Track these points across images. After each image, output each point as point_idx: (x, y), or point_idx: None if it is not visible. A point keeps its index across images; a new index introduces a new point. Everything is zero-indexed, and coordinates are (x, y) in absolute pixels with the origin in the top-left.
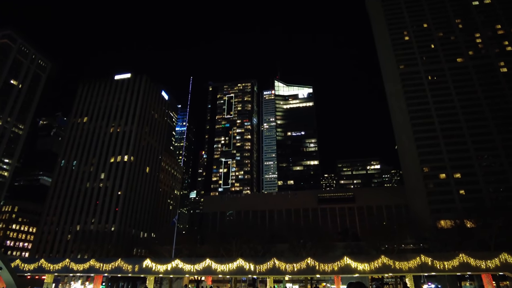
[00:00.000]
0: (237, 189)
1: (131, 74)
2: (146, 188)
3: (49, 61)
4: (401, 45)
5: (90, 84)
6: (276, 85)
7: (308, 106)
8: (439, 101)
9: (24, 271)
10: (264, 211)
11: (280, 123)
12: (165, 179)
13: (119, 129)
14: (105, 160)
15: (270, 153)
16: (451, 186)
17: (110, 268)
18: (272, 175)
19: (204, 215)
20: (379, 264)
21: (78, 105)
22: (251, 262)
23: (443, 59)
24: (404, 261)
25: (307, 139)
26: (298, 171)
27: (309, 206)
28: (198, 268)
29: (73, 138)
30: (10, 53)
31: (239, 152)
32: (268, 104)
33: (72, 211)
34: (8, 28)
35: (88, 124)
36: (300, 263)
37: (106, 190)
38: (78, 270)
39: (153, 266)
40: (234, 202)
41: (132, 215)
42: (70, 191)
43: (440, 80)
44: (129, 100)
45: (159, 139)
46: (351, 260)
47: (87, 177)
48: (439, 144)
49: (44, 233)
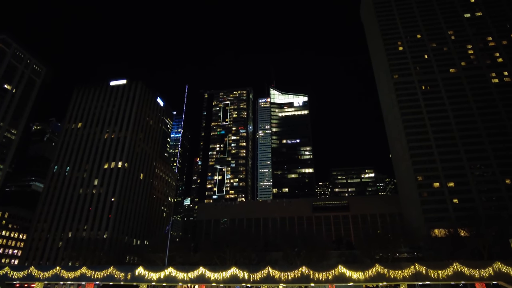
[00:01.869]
0: (232, 197)
1: (127, 80)
2: (139, 195)
3: (44, 66)
4: (395, 55)
5: (85, 90)
6: (272, 93)
7: (303, 114)
8: (432, 110)
9: (13, 278)
10: (258, 219)
11: (275, 131)
12: (159, 186)
13: (114, 135)
14: (99, 166)
15: (265, 160)
16: (444, 195)
17: (102, 276)
18: (267, 183)
19: (198, 223)
20: (373, 273)
21: (73, 111)
22: (245, 271)
23: (436, 70)
24: (399, 270)
25: (302, 147)
26: (293, 179)
27: (304, 214)
28: (192, 276)
29: (67, 144)
30: (4, 57)
31: (234, 160)
32: (264, 111)
33: (64, 218)
34: (3, 33)
35: (82, 130)
36: (294, 272)
37: (99, 196)
38: (69, 278)
39: (146, 274)
40: (228, 210)
41: (125, 222)
42: (62, 197)
43: (433, 90)
44: (124, 107)
45: (154, 145)
46: (346, 268)
47: (80, 183)
48: (433, 153)
49: (34, 240)
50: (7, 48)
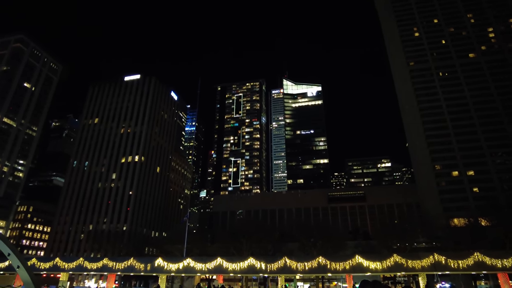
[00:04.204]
0: (247, 188)
1: (140, 75)
2: (156, 188)
3: (60, 64)
4: (411, 41)
5: (100, 86)
6: (285, 84)
7: (317, 105)
8: (450, 98)
9: (40, 269)
10: (274, 210)
11: (289, 122)
12: (175, 179)
13: (130, 130)
14: (116, 160)
15: (279, 152)
16: (464, 184)
17: (123, 267)
18: (282, 174)
19: (214, 214)
20: (391, 263)
21: (89, 107)
22: (262, 261)
23: (454, 55)
24: (417, 260)
25: (317, 138)
26: (307, 169)
27: (319, 205)
28: (210, 267)
29: (85, 139)
30: (23, 57)
31: (248, 151)
32: (277, 103)
33: (84, 211)
34: (20, 33)
35: (99, 125)
36: (311, 262)
37: (117, 190)
38: (92, 269)
39: (165, 265)
40: (243, 201)
41: (143, 214)
42: (82, 191)
43: (451, 76)
44: (138, 101)
45: (169, 139)
46: (363, 259)
47: (99, 177)
48: (451, 141)
49: (58, 232)
50: (25, 48)
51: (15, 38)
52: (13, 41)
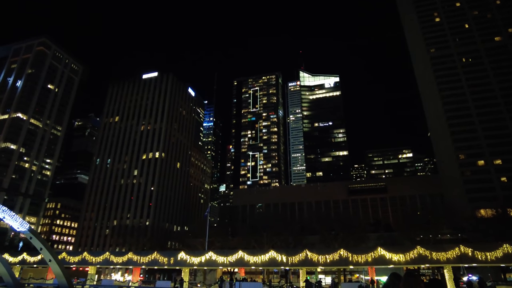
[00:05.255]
0: (266, 182)
1: (158, 73)
2: (177, 183)
3: (80, 64)
4: (431, 27)
5: (119, 85)
6: (301, 76)
7: (335, 96)
8: (474, 84)
9: (70, 263)
10: (293, 204)
11: (307, 114)
12: (195, 174)
13: (149, 127)
14: (137, 157)
15: (297, 145)
16: (490, 173)
17: (147, 261)
18: (300, 167)
19: (234, 208)
20: (414, 255)
21: (109, 105)
22: (283, 254)
23: (478, 39)
24: (442, 252)
25: (335, 130)
26: (326, 162)
27: (340, 198)
28: (231, 260)
29: (106, 137)
30: (45, 59)
31: (266, 145)
32: (294, 95)
33: (108, 207)
34: (42, 36)
35: (120, 123)
36: (332, 255)
37: (139, 186)
38: (118, 263)
39: (187, 258)
40: (262, 195)
41: (165, 209)
42: (106, 188)
43: (475, 62)
44: (157, 99)
45: (188, 135)
46: (385, 251)
47: (121, 174)
48: (476, 129)
49: (84, 228)
50: (48, 50)
51: (38, 42)
52: (36, 45)
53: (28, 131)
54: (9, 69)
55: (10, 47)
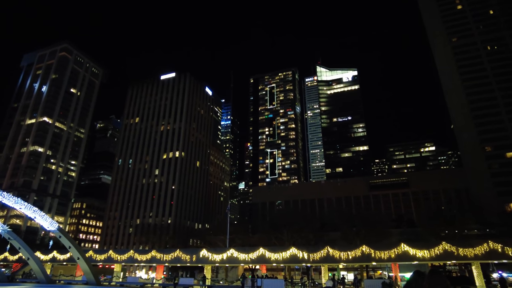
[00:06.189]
0: (284, 179)
1: (175, 73)
2: (197, 182)
3: (100, 67)
4: (452, 15)
5: (138, 86)
6: (318, 71)
7: (354, 90)
8: (500, 73)
9: (96, 261)
10: (313, 200)
11: (325, 110)
12: (215, 172)
13: (169, 127)
14: (158, 157)
15: (315, 141)
16: None
17: (170, 259)
18: (319, 163)
19: (253, 206)
20: (440, 251)
21: (129, 107)
22: (304, 251)
23: (503, 26)
24: (469, 248)
25: (354, 124)
26: (346, 158)
27: (361, 194)
28: (252, 257)
29: (127, 138)
30: (68, 64)
31: (284, 142)
32: (311, 91)
33: (131, 206)
34: (64, 42)
35: (140, 124)
36: (354, 251)
37: (161, 185)
38: (142, 261)
39: (209, 255)
40: (282, 192)
41: (186, 207)
42: (128, 188)
43: (500, 49)
44: (175, 99)
45: (206, 134)
46: (409, 247)
47: (143, 173)
48: (503, 120)
49: (109, 227)
50: (69, 55)
51: (60, 48)
52: (59, 50)
53: (53, 134)
54: (35, 75)
55: (35, 54)
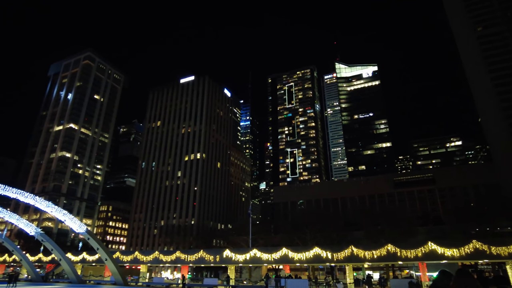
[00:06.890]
0: (305, 178)
1: (194, 76)
2: (219, 183)
3: (122, 73)
4: (477, 4)
5: (159, 91)
6: (337, 67)
7: (374, 85)
8: None
9: (123, 262)
10: (335, 199)
11: (345, 107)
12: (235, 173)
13: (190, 129)
14: (180, 159)
15: (336, 138)
16: None
17: (194, 259)
18: (341, 162)
19: (275, 205)
20: (470, 250)
21: (151, 111)
22: (328, 250)
23: None
24: (502, 246)
25: (376, 121)
26: (369, 155)
27: (384, 191)
28: (276, 257)
29: (150, 142)
30: (91, 72)
31: (304, 141)
32: (330, 88)
33: (155, 208)
34: (87, 50)
35: (162, 127)
36: (380, 250)
37: (183, 186)
38: (167, 261)
39: (232, 256)
40: (303, 191)
41: (209, 208)
42: (152, 190)
43: None
44: (195, 102)
45: (226, 135)
46: (437, 245)
47: (166, 176)
48: None
49: (134, 229)
50: (92, 63)
51: (84, 56)
52: (83, 59)
53: (79, 140)
54: (61, 83)
55: (61, 63)
